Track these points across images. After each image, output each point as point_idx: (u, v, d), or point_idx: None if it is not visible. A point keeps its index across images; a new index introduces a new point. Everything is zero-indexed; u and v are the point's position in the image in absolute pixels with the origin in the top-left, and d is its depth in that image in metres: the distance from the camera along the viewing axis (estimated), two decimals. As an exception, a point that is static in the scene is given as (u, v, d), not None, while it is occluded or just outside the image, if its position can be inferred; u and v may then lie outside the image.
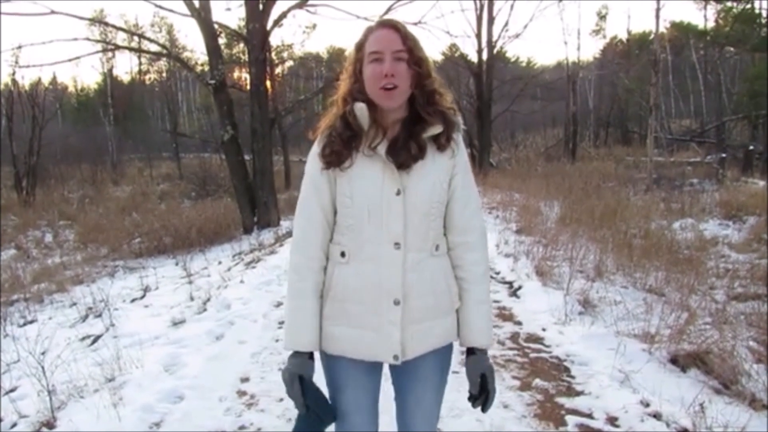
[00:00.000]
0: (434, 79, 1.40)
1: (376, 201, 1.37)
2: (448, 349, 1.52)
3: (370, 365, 1.45)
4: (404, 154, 1.36)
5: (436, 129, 1.38)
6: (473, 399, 1.46)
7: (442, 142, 1.40)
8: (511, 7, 23.61)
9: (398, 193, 1.36)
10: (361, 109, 1.37)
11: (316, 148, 1.43)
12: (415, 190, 1.37)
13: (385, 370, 1.51)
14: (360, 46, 1.40)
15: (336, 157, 1.38)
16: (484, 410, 1.46)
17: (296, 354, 1.41)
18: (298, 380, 1.38)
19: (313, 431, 1.41)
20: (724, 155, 15.56)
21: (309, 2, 10.93)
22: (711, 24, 20.36)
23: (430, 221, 1.41)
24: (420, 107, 1.39)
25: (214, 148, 19.31)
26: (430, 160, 1.39)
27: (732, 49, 18.95)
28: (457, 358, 1.56)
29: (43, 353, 3.49)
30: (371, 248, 1.38)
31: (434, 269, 1.43)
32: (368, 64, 1.36)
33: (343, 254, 1.41)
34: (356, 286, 1.40)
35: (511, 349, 3.59)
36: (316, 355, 1.46)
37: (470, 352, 1.48)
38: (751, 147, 16.21)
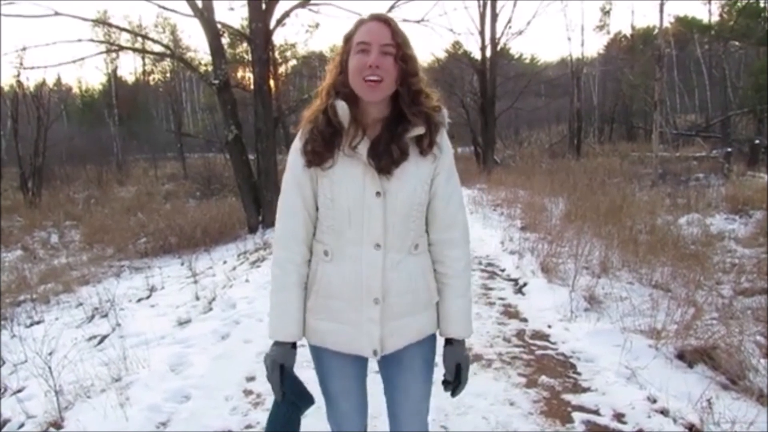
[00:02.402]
0: (420, 79, 1.38)
1: (356, 204, 1.37)
2: (431, 339, 1.55)
3: (354, 355, 1.48)
4: (386, 158, 1.35)
5: (419, 130, 1.37)
6: (446, 384, 1.51)
7: (424, 147, 1.38)
8: (514, 4, 23.67)
9: (378, 194, 1.36)
10: (342, 107, 1.35)
11: (297, 143, 1.42)
12: (396, 193, 1.37)
13: (374, 362, 1.54)
14: (349, 38, 1.37)
15: (317, 157, 1.38)
16: (453, 395, 1.51)
17: (279, 343, 1.44)
18: (278, 368, 1.41)
19: (287, 416, 1.45)
20: (729, 150, 15.42)
21: (311, 1, 10.93)
22: (715, 18, 20.32)
23: (410, 222, 1.41)
24: (404, 105, 1.36)
25: (219, 148, 19.29)
26: (412, 162, 1.38)
27: (737, 43, 18.83)
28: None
29: (50, 353, 3.51)
30: (352, 249, 1.40)
31: (412, 268, 1.44)
32: (354, 55, 1.33)
33: (326, 253, 1.43)
34: (338, 284, 1.42)
35: (516, 346, 3.59)
36: (299, 345, 1.49)
37: (448, 342, 1.51)
38: (757, 141, 16.07)
